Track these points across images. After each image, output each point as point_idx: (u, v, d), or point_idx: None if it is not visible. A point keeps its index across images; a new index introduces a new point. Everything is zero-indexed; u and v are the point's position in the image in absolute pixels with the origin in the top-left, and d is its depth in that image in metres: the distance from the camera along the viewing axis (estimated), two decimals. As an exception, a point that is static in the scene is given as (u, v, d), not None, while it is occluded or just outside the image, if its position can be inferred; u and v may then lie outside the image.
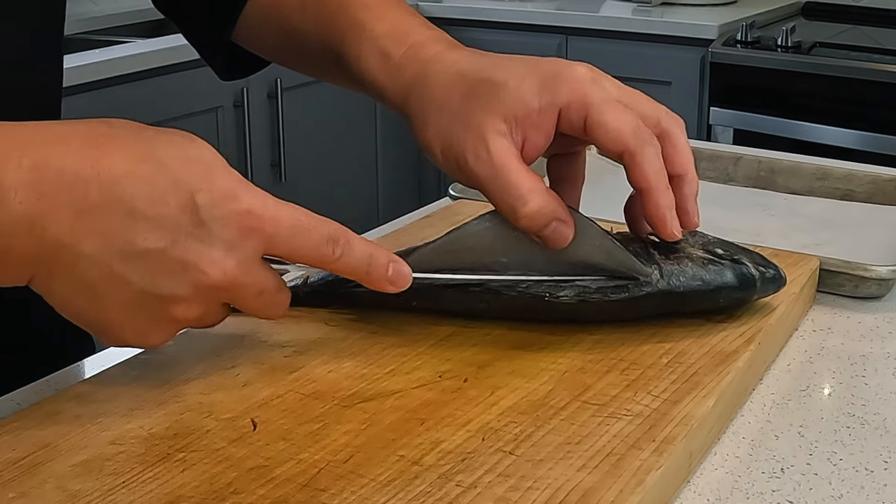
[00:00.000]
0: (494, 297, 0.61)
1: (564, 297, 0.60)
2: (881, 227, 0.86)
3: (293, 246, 0.52)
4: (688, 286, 0.61)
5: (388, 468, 0.48)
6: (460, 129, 0.60)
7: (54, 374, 0.63)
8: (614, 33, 2.58)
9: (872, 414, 0.59)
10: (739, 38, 2.39)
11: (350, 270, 0.55)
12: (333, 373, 0.57)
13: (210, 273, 0.50)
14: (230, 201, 0.50)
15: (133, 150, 0.50)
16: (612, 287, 0.60)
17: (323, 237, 0.53)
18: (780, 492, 0.52)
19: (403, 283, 0.56)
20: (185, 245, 0.49)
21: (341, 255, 0.53)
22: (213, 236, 0.50)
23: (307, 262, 0.54)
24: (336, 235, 0.53)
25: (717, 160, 0.99)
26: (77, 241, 0.48)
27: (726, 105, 2.40)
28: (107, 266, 0.48)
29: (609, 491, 0.46)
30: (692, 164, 0.62)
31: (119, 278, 0.49)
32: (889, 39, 2.48)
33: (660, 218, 0.59)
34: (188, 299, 0.50)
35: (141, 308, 0.50)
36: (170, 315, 0.51)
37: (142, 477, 0.48)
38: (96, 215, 0.48)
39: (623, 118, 0.58)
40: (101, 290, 0.49)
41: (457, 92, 0.61)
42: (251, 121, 2.33)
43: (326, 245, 0.53)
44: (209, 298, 0.51)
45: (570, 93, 0.58)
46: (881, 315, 0.72)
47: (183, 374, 0.57)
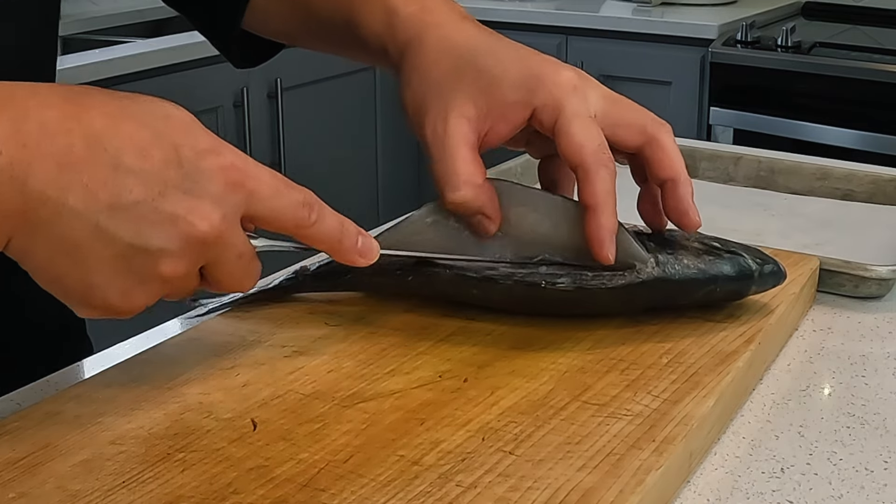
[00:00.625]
0: (490, 285, 0.61)
1: (562, 284, 0.60)
2: (881, 227, 0.86)
3: (272, 207, 0.51)
4: (684, 275, 0.61)
5: (388, 468, 0.48)
6: (432, 99, 0.61)
7: (54, 374, 0.63)
8: (614, 33, 2.58)
9: (872, 414, 0.59)
10: (739, 38, 2.39)
11: (323, 238, 0.54)
12: (333, 373, 0.57)
13: (198, 225, 0.48)
14: (214, 155, 0.50)
15: (112, 107, 0.49)
16: (609, 275, 0.60)
17: (299, 201, 0.53)
18: (780, 492, 0.52)
19: (372, 256, 0.57)
20: (173, 198, 0.48)
21: (316, 220, 0.53)
22: (201, 189, 0.49)
23: (282, 227, 0.53)
24: (311, 201, 0.53)
25: (717, 160, 0.99)
26: (61, 195, 0.46)
27: (726, 105, 2.40)
28: (93, 221, 0.47)
29: (609, 491, 0.46)
30: (683, 166, 0.62)
31: (105, 233, 0.47)
32: (889, 39, 2.48)
33: (599, 239, 0.59)
34: (176, 254, 0.49)
35: (128, 265, 0.48)
36: (157, 272, 0.49)
37: (142, 477, 0.48)
38: (81, 168, 0.46)
39: (588, 134, 0.59)
40: (86, 247, 0.47)
41: (444, 64, 0.62)
42: (251, 121, 2.33)
43: (303, 209, 0.53)
44: (195, 254, 0.50)
45: (547, 95, 0.60)
46: (881, 315, 0.72)
47: (183, 374, 0.57)
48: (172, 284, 0.50)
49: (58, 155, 0.46)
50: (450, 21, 0.64)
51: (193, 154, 0.49)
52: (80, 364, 0.64)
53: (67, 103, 0.48)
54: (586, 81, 0.62)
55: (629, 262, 0.60)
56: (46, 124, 0.46)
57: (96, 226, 0.47)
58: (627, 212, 0.64)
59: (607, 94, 0.62)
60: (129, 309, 0.50)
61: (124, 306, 0.50)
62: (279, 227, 0.53)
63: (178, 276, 0.50)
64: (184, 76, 2.13)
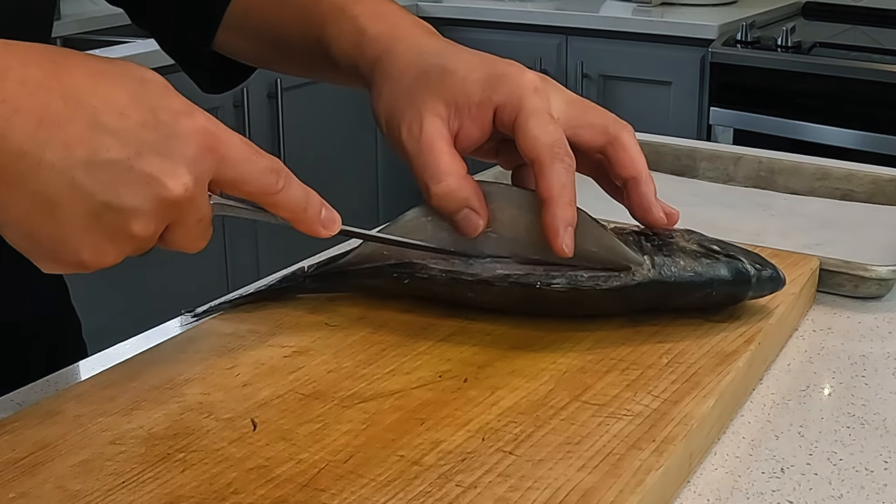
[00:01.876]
0: (485, 287, 0.61)
1: (557, 284, 0.60)
2: (881, 227, 0.86)
3: (240, 171, 0.52)
4: (680, 277, 0.61)
5: (388, 468, 0.48)
6: (405, 104, 0.62)
7: (54, 374, 0.63)
8: (614, 33, 2.58)
9: (872, 414, 0.59)
10: (739, 38, 2.39)
11: (288, 205, 0.55)
12: (333, 373, 0.57)
13: (172, 188, 0.49)
14: (188, 119, 0.50)
15: (91, 67, 0.49)
16: (604, 276, 0.60)
17: (268, 167, 0.54)
18: (780, 492, 0.52)
19: (333, 229, 0.57)
20: (149, 159, 0.48)
21: (283, 187, 0.54)
22: (176, 152, 0.49)
23: (249, 192, 0.54)
24: (278, 168, 0.54)
25: (717, 160, 0.99)
26: (39, 150, 0.46)
27: (726, 105, 2.40)
28: (69, 177, 0.47)
29: (609, 491, 0.46)
30: (644, 165, 0.63)
31: (81, 190, 0.47)
32: (889, 39, 2.48)
33: (554, 229, 0.59)
34: (148, 214, 0.49)
35: (100, 222, 0.48)
36: (128, 230, 0.49)
37: (142, 477, 0.48)
38: (59, 124, 0.47)
39: (545, 129, 0.60)
40: (61, 202, 0.47)
41: (413, 70, 0.63)
42: (251, 121, 2.33)
43: (270, 175, 0.54)
44: (165, 215, 0.50)
45: (508, 94, 0.61)
46: (881, 315, 0.72)
47: (183, 374, 0.57)
48: (141, 244, 0.51)
49: (37, 111, 0.46)
50: (416, 35, 0.66)
51: (169, 117, 0.49)
52: (80, 364, 0.64)
53: (48, 62, 0.48)
54: (549, 84, 0.63)
55: (621, 263, 0.60)
56: (26, 81, 0.47)
57: (72, 181, 0.47)
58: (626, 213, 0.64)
59: (570, 98, 0.63)
60: (98, 265, 0.50)
61: (93, 262, 0.50)
62: (246, 193, 0.54)
63: (146, 235, 0.50)
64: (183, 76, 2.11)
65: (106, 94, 0.48)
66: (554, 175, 0.59)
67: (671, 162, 1.01)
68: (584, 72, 2.64)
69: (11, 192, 0.47)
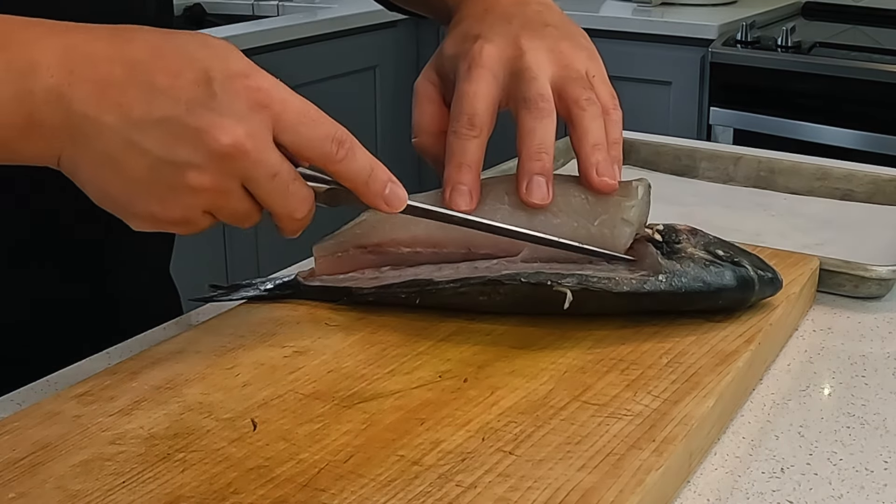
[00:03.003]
0: (495, 287, 0.61)
1: (567, 283, 0.60)
2: (881, 227, 0.86)
3: (298, 134, 0.54)
4: (690, 287, 0.61)
5: (388, 468, 0.48)
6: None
7: (54, 374, 0.63)
8: (614, 33, 2.58)
9: (872, 414, 0.59)
10: (739, 38, 2.39)
11: (350, 176, 0.57)
12: (333, 373, 0.57)
13: (221, 138, 0.52)
14: (242, 78, 0.53)
15: (156, 38, 0.54)
16: (616, 280, 0.60)
17: (329, 134, 0.55)
18: (780, 492, 0.52)
19: (398, 205, 0.59)
20: (198, 114, 0.52)
21: (344, 157, 0.56)
22: (224, 107, 0.52)
23: (309, 158, 0.55)
24: (342, 137, 0.56)
25: (717, 160, 0.99)
26: (100, 113, 0.51)
27: (726, 105, 2.40)
28: (125, 136, 0.52)
29: (609, 491, 0.46)
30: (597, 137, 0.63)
31: (136, 147, 0.52)
32: (889, 39, 2.48)
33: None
34: (201, 167, 0.52)
35: (158, 176, 0.52)
36: (185, 183, 0.53)
37: (142, 477, 0.48)
38: (118, 89, 0.52)
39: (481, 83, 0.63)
40: (122, 160, 0.52)
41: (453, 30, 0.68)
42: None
43: (332, 143, 0.55)
44: (221, 168, 0.53)
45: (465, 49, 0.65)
46: (881, 315, 0.72)
47: (183, 374, 0.57)
48: (208, 197, 0.54)
49: (99, 80, 0.51)
50: None
51: (223, 76, 0.52)
52: (80, 364, 0.64)
53: (114, 37, 0.53)
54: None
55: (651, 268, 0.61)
56: (93, 54, 0.52)
57: (129, 140, 0.52)
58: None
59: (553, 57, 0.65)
60: (171, 218, 0.54)
61: (165, 215, 0.54)
62: (306, 158, 0.56)
63: (206, 188, 0.53)
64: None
65: (164, 58, 0.52)
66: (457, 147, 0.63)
67: (671, 162, 1.01)
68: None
69: (80, 152, 0.52)
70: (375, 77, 2.66)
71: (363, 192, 0.58)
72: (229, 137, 0.52)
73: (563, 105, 0.63)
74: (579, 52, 0.66)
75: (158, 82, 0.52)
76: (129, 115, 0.51)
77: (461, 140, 0.62)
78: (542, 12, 0.67)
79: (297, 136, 0.54)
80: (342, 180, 0.57)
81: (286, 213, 0.56)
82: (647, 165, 1.02)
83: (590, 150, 0.62)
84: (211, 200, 0.54)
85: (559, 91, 0.64)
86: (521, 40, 0.64)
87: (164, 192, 0.53)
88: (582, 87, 0.64)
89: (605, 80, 0.66)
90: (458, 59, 0.65)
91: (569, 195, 0.63)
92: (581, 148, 0.63)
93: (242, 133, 0.52)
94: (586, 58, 0.66)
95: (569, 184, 0.63)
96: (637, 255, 0.63)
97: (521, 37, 0.64)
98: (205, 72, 0.52)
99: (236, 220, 0.56)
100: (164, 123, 0.52)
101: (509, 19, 0.66)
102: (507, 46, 0.64)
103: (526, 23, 0.66)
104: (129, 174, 0.52)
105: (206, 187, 0.53)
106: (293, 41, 2.38)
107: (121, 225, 0.55)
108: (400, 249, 0.65)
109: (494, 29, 0.65)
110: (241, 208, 0.55)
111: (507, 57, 0.64)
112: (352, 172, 0.57)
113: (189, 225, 0.55)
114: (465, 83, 0.63)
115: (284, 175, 0.55)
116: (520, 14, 0.66)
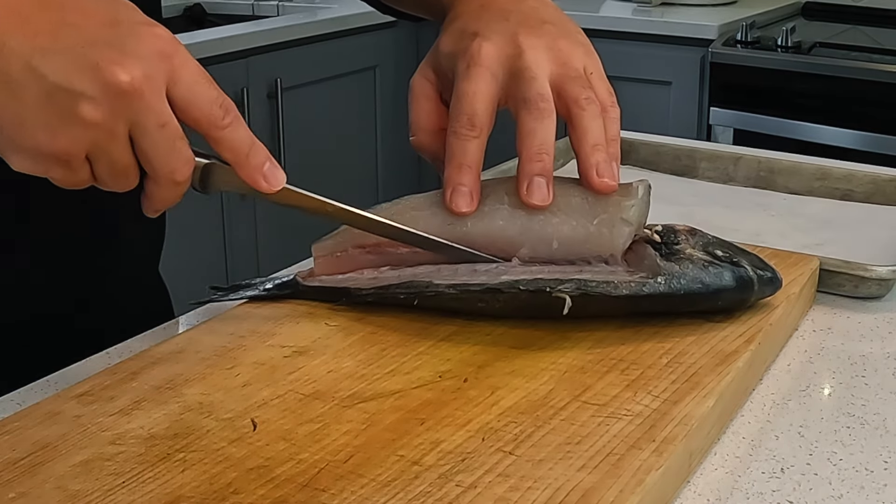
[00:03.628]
0: (493, 296, 0.61)
1: (566, 288, 0.60)
2: (881, 227, 0.86)
3: (191, 91, 0.55)
4: (689, 288, 0.61)
5: (388, 468, 0.48)
6: None
7: (54, 374, 0.63)
8: (614, 33, 2.58)
9: (872, 414, 0.59)
10: (739, 38, 2.39)
11: (233, 145, 0.57)
12: (333, 373, 0.57)
13: (118, 75, 0.52)
14: (149, 26, 0.54)
15: None
16: (615, 284, 0.60)
17: (216, 99, 0.56)
18: (780, 492, 0.52)
19: (275, 183, 0.59)
20: (101, 49, 0.53)
21: (229, 124, 0.56)
22: (129, 48, 0.53)
23: (195, 119, 0.55)
24: (229, 106, 0.56)
25: (717, 160, 0.99)
26: (5, 36, 0.52)
27: (726, 105, 2.40)
28: (26, 60, 0.52)
29: (609, 491, 0.46)
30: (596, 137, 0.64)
31: (35, 71, 0.52)
32: (889, 39, 2.48)
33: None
34: (95, 100, 0.52)
35: (52, 102, 0.52)
36: (78, 114, 0.52)
37: (142, 477, 0.48)
38: (30, 18, 0.53)
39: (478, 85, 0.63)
40: (20, 82, 0.52)
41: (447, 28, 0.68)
42: (251, 121, 2.32)
43: (220, 108, 0.56)
44: (114, 105, 0.53)
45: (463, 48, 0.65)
46: (881, 315, 0.72)
47: (183, 374, 0.57)
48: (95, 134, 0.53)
49: (14, 8, 0.53)
50: None
51: (131, 20, 0.54)
52: (80, 364, 0.64)
53: None
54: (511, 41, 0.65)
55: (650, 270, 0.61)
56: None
57: (28, 64, 0.52)
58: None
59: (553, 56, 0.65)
60: (55, 151, 0.53)
61: (49, 146, 0.53)
62: (193, 118, 0.55)
63: (96, 122, 0.53)
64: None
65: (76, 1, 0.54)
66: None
67: (671, 162, 1.01)
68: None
69: None
70: (375, 77, 2.66)
71: (243, 163, 0.58)
72: (127, 75, 0.52)
73: (562, 104, 0.63)
74: (577, 49, 0.66)
75: (69, 18, 0.53)
76: (34, 41, 0.52)
77: (461, 140, 0.63)
78: (539, 8, 0.68)
79: (190, 94, 0.55)
80: (223, 150, 0.57)
81: (166, 171, 0.56)
82: (647, 165, 1.02)
83: (589, 151, 0.62)
84: (96, 139, 0.54)
85: (558, 90, 0.64)
86: (520, 38, 0.64)
87: (54, 121, 0.53)
88: (581, 86, 0.64)
89: (603, 76, 0.67)
90: (455, 58, 0.65)
91: (569, 195, 0.63)
92: (581, 148, 0.63)
93: (140, 74, 0.53)
94: (583, 54, 0.66)
95: (569, 184, 0.63)
96: (636, 257, 0.63)
97: (519, 34, 0.64)
98: (114, 16, 0.54)
99: (113, 175, 0.55)
100: (66, 52, 0.52)
101: (506, 16, 0.66)
102: (506, 45, 0.64)
103: (523, 20, 0.66)
104: (23, 98, 0.52)
105: (96, 121, 0.53)
106: (293, 41, 2.38)
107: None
108: (399, 249, 0.65)
109: (492, 26, 0.65)
110: (121, 160, 0.55)
111: (505, 55, 0.64)
112: (235, 141, 0.57)
113: (68, 167, 0.54)
114: (464, 82, 0.63)
115: (172, 128, 0.55)
116: (516, 10, 0.66)
